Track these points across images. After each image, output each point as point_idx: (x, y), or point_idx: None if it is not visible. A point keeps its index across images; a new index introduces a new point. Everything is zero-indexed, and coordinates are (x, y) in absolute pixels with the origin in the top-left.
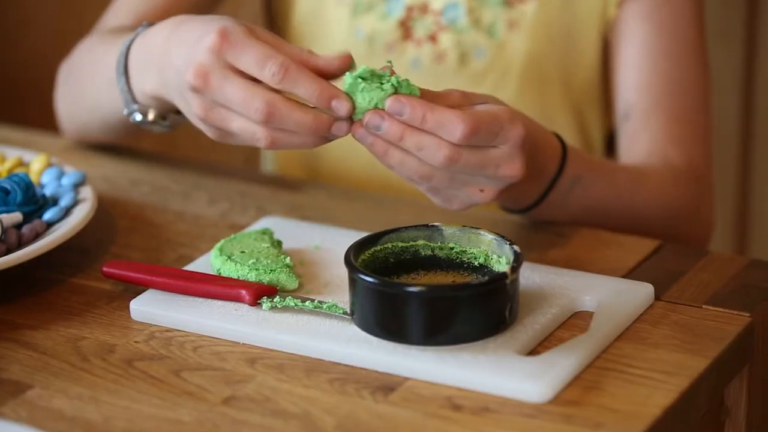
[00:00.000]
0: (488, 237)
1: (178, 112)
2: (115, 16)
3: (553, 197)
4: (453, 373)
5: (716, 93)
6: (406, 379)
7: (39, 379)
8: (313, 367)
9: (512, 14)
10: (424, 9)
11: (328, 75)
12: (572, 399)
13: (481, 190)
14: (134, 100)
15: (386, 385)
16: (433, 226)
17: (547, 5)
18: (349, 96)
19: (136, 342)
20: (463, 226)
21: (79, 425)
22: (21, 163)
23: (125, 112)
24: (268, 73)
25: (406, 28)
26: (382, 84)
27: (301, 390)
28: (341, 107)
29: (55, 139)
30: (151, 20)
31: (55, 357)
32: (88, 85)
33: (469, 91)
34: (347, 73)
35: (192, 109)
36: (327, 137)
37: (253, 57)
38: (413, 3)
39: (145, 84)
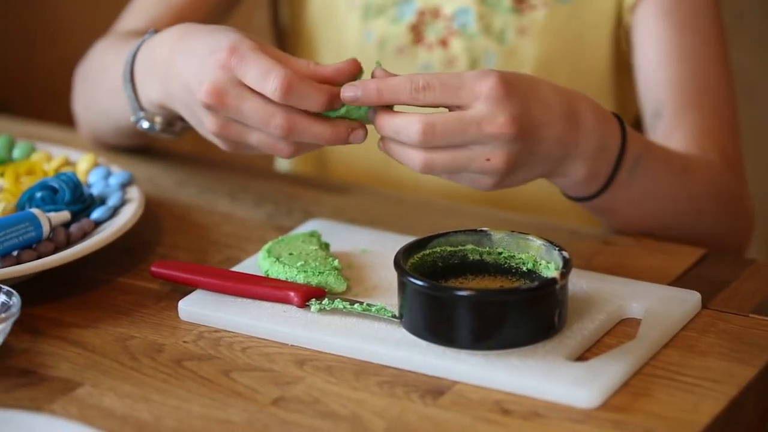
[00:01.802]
0: (537, 242)
1: (184, 119)
2: (129, 19)
3: (620, 178)
4: (502, 378)
5: (753, 101)
6: (455, 382)
7: (88, 377)
8: (362, 370)
9: (522, 21)
10: (435, 14)
11: (338, 83)
12: (621, 405)
13: (488, 159)
14: (141, 108)
15: (435, 389)
16: (481, 231)
17: (556, 12)
18: (365, 129)
19: (184, 342)
20: (512, 231)
21: (130, 424)
22: (67, 163)
23: (132, 119)
24: (270, 88)
25: (417, 33)
26: None
27: (350, 392)
28: (359, 136)
29: None
30: (165, 24)
31: (104, 356)
32: (99, 91)
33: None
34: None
35: (205, 125)
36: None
37: (257, 72)
38: (425, 7)
39: (151, 93)
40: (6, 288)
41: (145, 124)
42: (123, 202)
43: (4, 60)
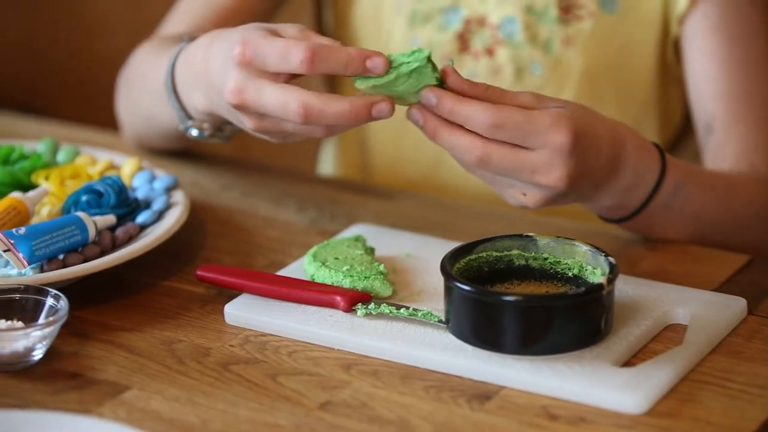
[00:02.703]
0: (583, 248)
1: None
2: (172, 23)
3: (653, 207)
4: (549, 383)
5: None
6: (502, 387)
7: (136, 380)
8: (409, 374)
9: (568, 31)
10: (481, 22)
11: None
12: (668, 411)
13: (524, 194)
14: (188, 117)
15: (482, 394)
16: (527, 236)
17: (603, 22)
18: (383, 54)
19: (231, 346)
20: (558, 236)
21: (178, 427)
22: (112, 166)
23: (181, 127)
24: (294, 62)
25: (463, 41)
26: (437, 72)
27: (396, 397)
28: (377, 64)
29: None
30: (209, 27)
31: (151, 359)
32: (142, 98)
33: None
34: (413, 54)
35: (244, 124)
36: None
37: (275, 54)
38: (471, 16)
39: (196, 102)
40: (54, 291)
41: (195, 132)
42: (168, 206)
43: (43, 62)
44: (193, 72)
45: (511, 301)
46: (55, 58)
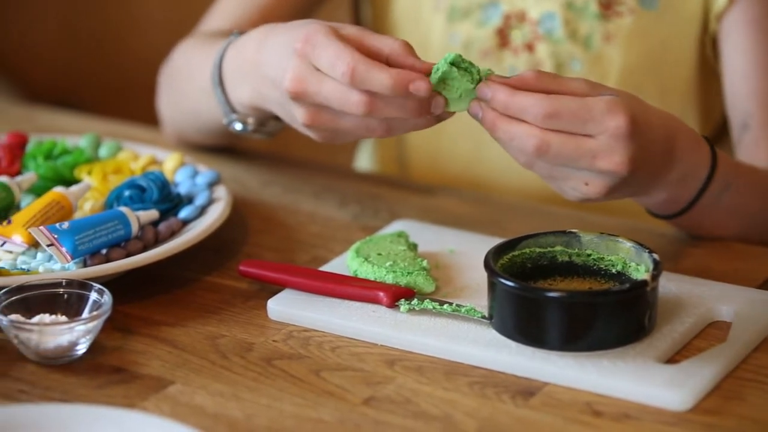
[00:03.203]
0: (627, 245)
1: (276, 118)
2: (214, 19)
3: (704, 202)
4: (592, 379)
5: None
6: (545, 383)
7: (179, 375)
8: (452, 370)
9: (608, 27)
10: (521, 18)
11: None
12: (712, 408)
13: (586, 184)
14: (233, 111)
15: (526, 390)
16: (571, 232)
17: (643, 19)
18: (428, 80)
19: (274, 341)
20: (601, 233)
21: (222, 422)
22: (154, 162)
23: (225, 121)
24: (338, 74)
25: (503, 36)
26: (472, 74)
27: (441, 392)
28: (419, 88)
29: None
30: (250, 23)
31: (195, 354)
32: (186, 92)
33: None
34: (441, 61)
35: (296, 118)
36: (435, 117)
37: (327, 59)
38: (511, 11)
39: (242, 95)
40: (97, 286)
41: (238, 126)
42: (210, 202)
43: (81, 57)
44: (242, 65)
45: (555, 297)
46: (93, 55)
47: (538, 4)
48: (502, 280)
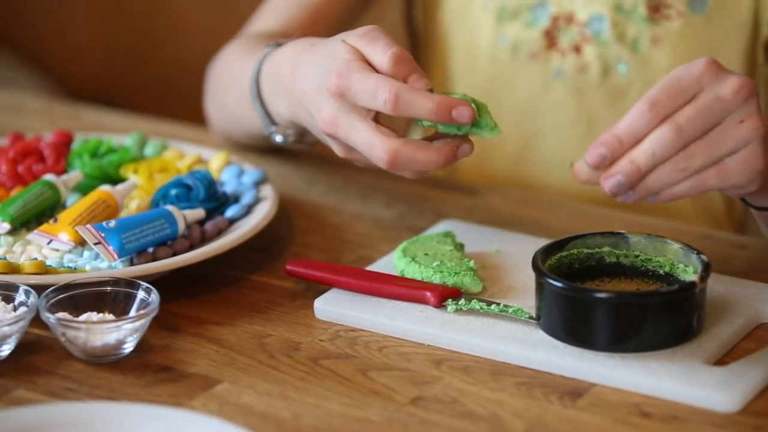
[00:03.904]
0: (674, 246)
1: None
2: (262, 20)
3: None
4: (641, 381)
5: None
6: (593, 384)
7: (227, 374)
8: (499, 371)
9: (656, 30)
10: (569, 19)
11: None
12: (761, 410)
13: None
14: (273, 122)
15: (573, 390)
16: (618, 233)
17: (691, 22)
18: (469, 103)
19: (321, 340)
20: (649, 234)
21: (270, 421)
22: (200, 160)
23: (265, 132)
24: (380, 103)
25: (550, 38)
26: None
27: (488, 393)
28: (462, 114)
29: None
30: (298, 24)
31: (242, 353)
32: (229, 98)
33: (612, 103)
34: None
35: (332, 148)
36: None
37: (365, 92)
38: (559, 13)
39: (281, 110)
40: (145, 284)
41: (279, 138)
42: (256, 200)
43: (122, 57)
44: (278, 82)
45: (603, 298)
46: (135, 55)
47: (586, 5)
48: (551, 281)
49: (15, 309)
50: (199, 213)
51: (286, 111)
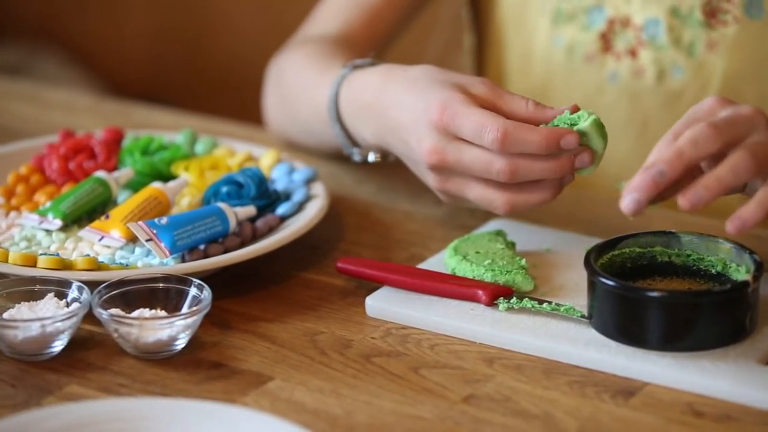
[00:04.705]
0: (727, 245)
1: None
2: (320, 22)
3: None
4: (693, 380)
5: None
6: (645, 383)
7: (279, 371)
8: (552, 369)
9: (712, 35)
10: (625, 23)
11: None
12: None
13: None
14: (354, 144)
15: (626, 389)
16: (670, 232)
17: (748, 28)
18: (576, 132)
19: (372, 338)
20: (701, 233)
21: (322, 418)
22: (250, 158)
23: (344, 151)
24: (487, 141)
25: (606, 41)
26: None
27: (540, 391)
28: (570, 142)
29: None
30: (357, 26)
31: (293, 350)
32: (300, 110)
33: (667, 108)
34: (585, 122)
35: (428, 180)
36: (563, 183)
37: (471, 128)
38: (615, 16)
39: (365, 135)
40: (197, 281)
41: (359, 158)
42: (307, 198)
43: (168, 56)
44: (361, 108)
45: (656, 297)
46: (180, 54)
47: (642, 9)
48: (603, 279)
49: (68, 305)
50: (250, 210)
51: (372, 137)
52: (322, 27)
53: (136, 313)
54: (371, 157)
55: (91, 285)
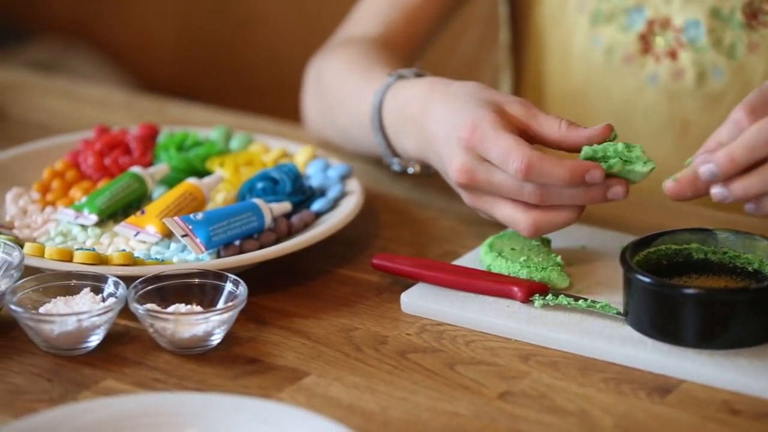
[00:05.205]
0: (763, 242)
1: None
2: (359, 23)
3: None
4: (730, 377)
5: None
6: (681, 381)
7: (314, 367)
8: (587, 366)
9: (753, 37)
10: (665, 24)
11: (590, 143)
12: None
13: None
14: (395, 154)
15: (662, 387)
16: (706, 230)
17: None
18: (601, 167)
19: (407, 334)
20: (737, 231)
21: (357, 414)
22: (285, 154)
23: (384, 160)
24: (511, 170)
25: (645, 42)
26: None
27: (576, 388)
28: (595, 177)
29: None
30: (396, 27)
31: (329, 346)
32: (341, 116)
33: (707, 110)
34: (614, 155)
35: (460, 195)
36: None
37: (497, 154)
38: (655, 17)
39: (407, 147)
40: (233, 277)
41: (398, 168)
42: (342, 194)
43: (199, 54)
44: (405, 120)
45: (693, 294)
46: (211, 52)
47: (683, 11)
48: (639, 276)
49: (104, 300)
50: (285, 206)
51: (414, 149)
52: (362, 28)
53: (171, 309)
54: (411, 169)
55: (127, 280)
